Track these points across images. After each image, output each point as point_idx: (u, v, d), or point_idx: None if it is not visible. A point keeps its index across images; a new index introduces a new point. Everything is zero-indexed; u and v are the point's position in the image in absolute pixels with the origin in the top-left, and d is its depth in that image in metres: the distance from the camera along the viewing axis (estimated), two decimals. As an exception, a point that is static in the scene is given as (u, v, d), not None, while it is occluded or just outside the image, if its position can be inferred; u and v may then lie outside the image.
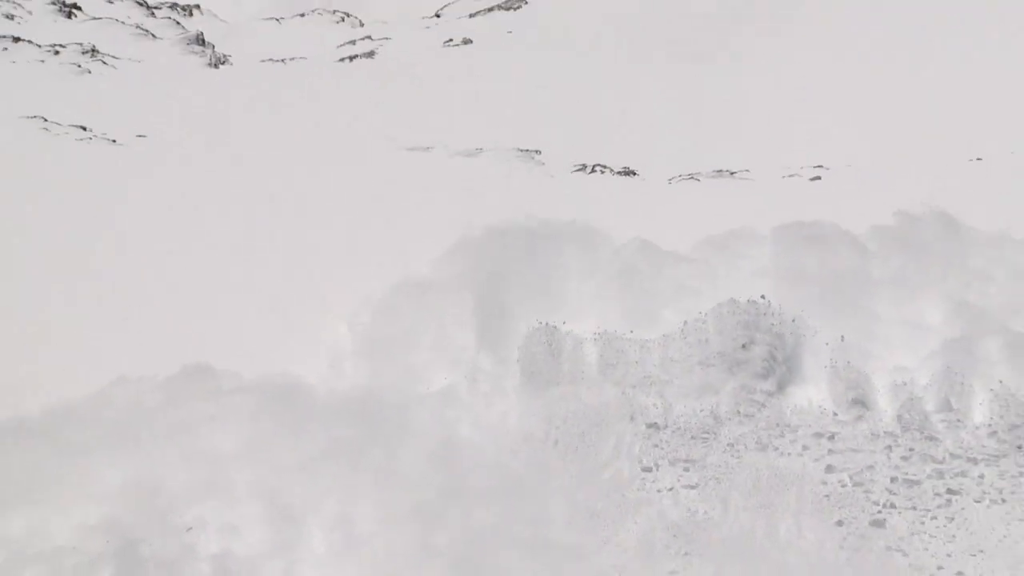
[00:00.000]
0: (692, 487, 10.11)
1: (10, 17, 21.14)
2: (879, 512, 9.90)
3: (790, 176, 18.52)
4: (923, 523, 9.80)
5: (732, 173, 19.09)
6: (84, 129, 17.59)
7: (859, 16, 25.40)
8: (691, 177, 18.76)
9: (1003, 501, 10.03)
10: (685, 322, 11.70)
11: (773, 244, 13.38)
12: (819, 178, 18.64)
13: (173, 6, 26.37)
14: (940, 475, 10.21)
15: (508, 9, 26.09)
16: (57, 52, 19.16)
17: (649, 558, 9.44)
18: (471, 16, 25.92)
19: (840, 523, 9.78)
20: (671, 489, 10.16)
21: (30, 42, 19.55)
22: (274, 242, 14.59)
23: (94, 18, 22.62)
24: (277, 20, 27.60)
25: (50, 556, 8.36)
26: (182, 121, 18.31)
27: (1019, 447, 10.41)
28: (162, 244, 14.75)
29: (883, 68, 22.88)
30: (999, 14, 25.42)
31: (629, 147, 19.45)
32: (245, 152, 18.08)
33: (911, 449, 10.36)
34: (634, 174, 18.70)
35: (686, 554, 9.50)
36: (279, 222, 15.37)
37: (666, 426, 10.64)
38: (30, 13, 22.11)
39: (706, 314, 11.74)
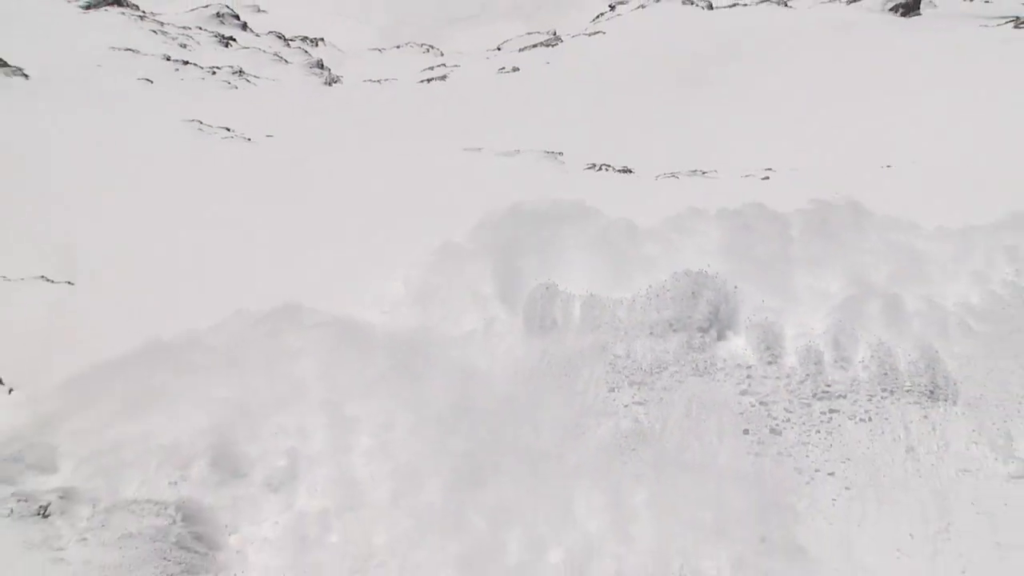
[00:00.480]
0: (641, 404, 10.36)
1: (184, 46, 21.55)
2: (777, 425, 10.19)
3: (747, 176, 18.41)
4: (808, 435, 10.08)
5: (704, 173, 18.98)
6: (228, 130, 17.76)
7: (815, 61, 25.21)
8: (672, 175, 18.68)
9: (869, 420, 10.15)
10: (649, 286, 11.80)
11: (719, 225, 13.40)
12: (768, 178, 18.54)
13: (304, 39, 26.69)
14: (826, 397, 10.40)
15: (548, 46, 26.21)
16: (214, 72, 19.45)
17: (607, 455, 9.65)
18: (520, 50, 26.08)
19: (746, 432, 10.12)
20: (627, 406, 10.35)
21: (196, 65, 19.86)
22: (354, 211, 14.73)
23: (244, 47, 22.92)
24: (379, 50, 27.82)
25: (165, 451, 8.52)
26: (300, 124, 18.57)
27: (883, 381, 10.53)
28: (272, 211, 14.89)
29: (827, 101, 22.69)
30: (921, 67, 25.27)
31: (629, 152, 19.38)
32: (343, 146, 18.22)
33: (803, 381, 10.52)
34: (630, 172, 18.61)
35: (633, 450, 9.76)
36: (360, 196, 15.51)
37: (627, 360, 10.78)
38: (199, 44, 22.44)
39: (666, 280, 11.82)
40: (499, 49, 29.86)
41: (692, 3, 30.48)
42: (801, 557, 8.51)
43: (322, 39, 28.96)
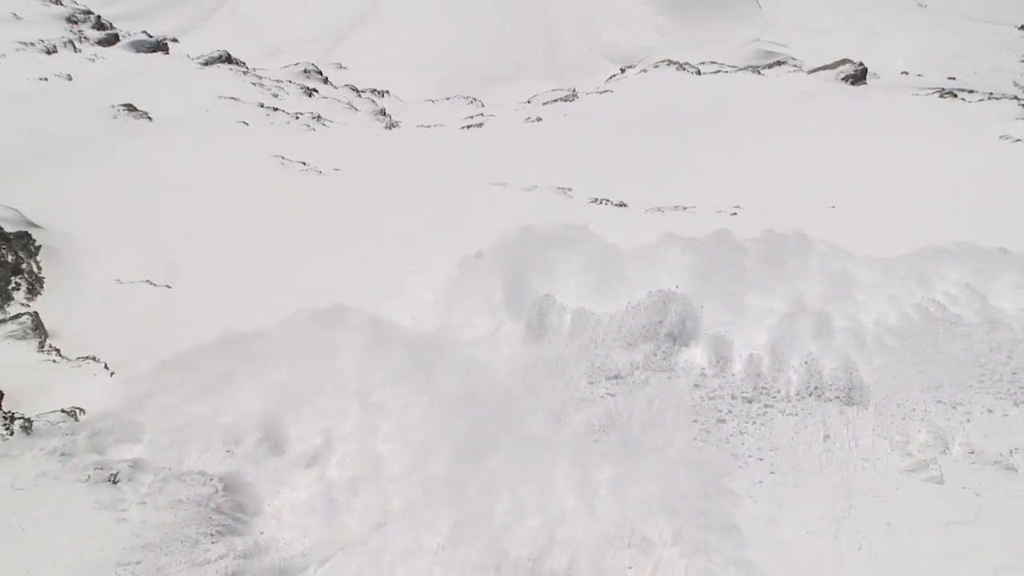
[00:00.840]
0: (613, 396, 10.24)
1: (276, 96, 21.72)
2: (721, 416, 10.04)
3: (719, 212, 18.23)
4: (746, 427, 9.90)
5: (685, 208, 18.82)
6: (304, 164, 17.74)
7: (781, 120, 24.94)
8: (659, 209, 18.53)
9: (796, 415, 9.99)
10: (628, 303, 11.67)
11: (690, 252, 13.22)
12: (736, 213, 18.35)
13: (373, 91, 26.73)
14: (762, 397, 10.25)
15: (566, 101, 26.16)
16: (297, 117, 19.49)
17: (583, 438, 9.54)
18: (544, 104, 26.05)
19: (695, 421, 9.95)
20: (602, 396, 10.23)
21: (283, 111, 19.90)
22: (399, 231, 14.70)
23: (323, 97, 23.01)
24: (432, 101, 27.92)
25: (224, 429, 8.43)
26: (362, 160, 18.55)
27: (809, 386, 10.38)
28: (333, 229, 14.92)
29: (789, 152, 22.42)
30: (864, 127, 25.02)
31: (626, 189, 19.18)
32: (396, 179, 18.18)
33: (744, 383, 10.41)
34: (625, 205, 18.45)
35: (605, 433, 9.66)
36: (405, 219, 15.48)
37: (605, 360, 10.68)
38: (288, 94, 22.58)
39: (642, 298, 11.70)
40: (528, 102, 29.69)
41: (684, 69, 30.25)
42: (732, 532, 8.35)
43: (388, 91, 28.85)
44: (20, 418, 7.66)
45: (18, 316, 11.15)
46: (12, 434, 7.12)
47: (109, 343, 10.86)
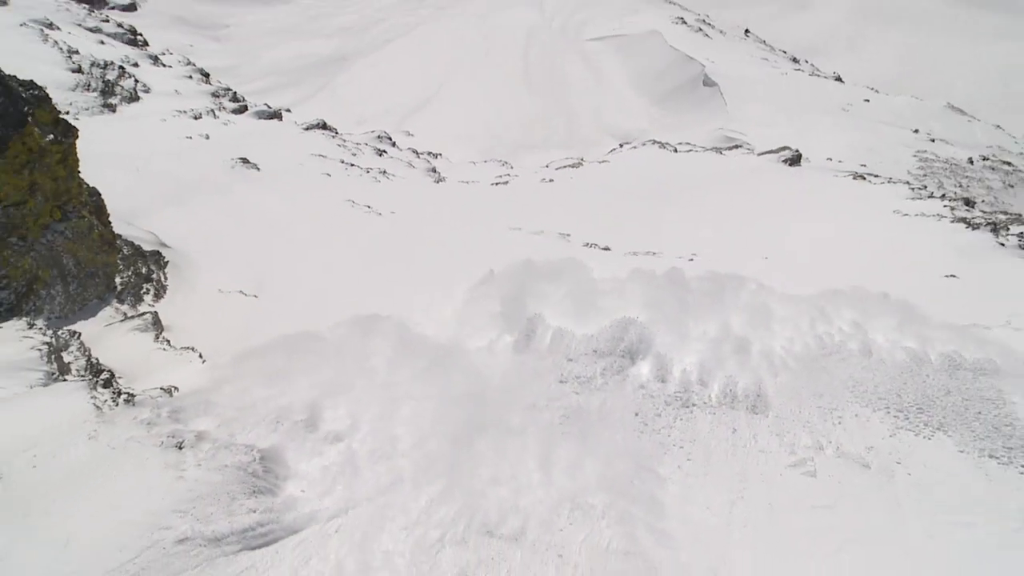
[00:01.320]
0: (578, 394, 10.11)
1: (354, 155, 21.78)
2: (658, 412, 9.88)
3: (680, 257, 18.10)
4: (673, 423, 9.71)
5: (654, 253, 18.68)
6: (369, 207, 17.87)
7: (735, 190, 24.81)
8: (634, 253, 18.41)
9: (713, 415, 9.84)
10: (598, 326, 11.57)
11: (651, 286, 13.10)
12: (692, 259, 18.17)
13: (429, 153, 26.76)
14: (688, 404, 10.08)
15: (574, 167, 26.07)
16: (368, 171, 19.53)
17: (552, 425, 9.40)
18: (556, 169, 25.98)
19: (637, 414, 9.79)
20: (569, 396, 10.10)
21: (358, 166, 20.03)
22: (430, 260, 14.70)
23: (390, 157, 23.13)
24: (473, 163, 27.91)
25: (274, 410, 8.35)
26: (413, 206, 18.68)
27: (725, 399, 10.22)
28: (385, 258, 14.98)
29: (739, 214, 22.30)
30: (796, 198, 24.89)
31: (612, 237, 19.11)
32: (437, 220, 18.23)
33: (677, 393, 10.22)
34: (608, 249, 18.37)
35: (570, 421, 9.49)
36: (437, 251, 15.48)
37: (573, 368, 10.56)
38: (363, 153, 22.65)
39: (608, 323, 11.59)
40: (547, 167, 29.63)
41: (664, 147, 30.08)
42: (654, 506, 8.19)
43: (440, 154, 28.86)
44: (125, 393, 7.69)
45: (143, 314, 11.27)
46: (117, 405, 7.14)
47: (206, 338, 10.93)
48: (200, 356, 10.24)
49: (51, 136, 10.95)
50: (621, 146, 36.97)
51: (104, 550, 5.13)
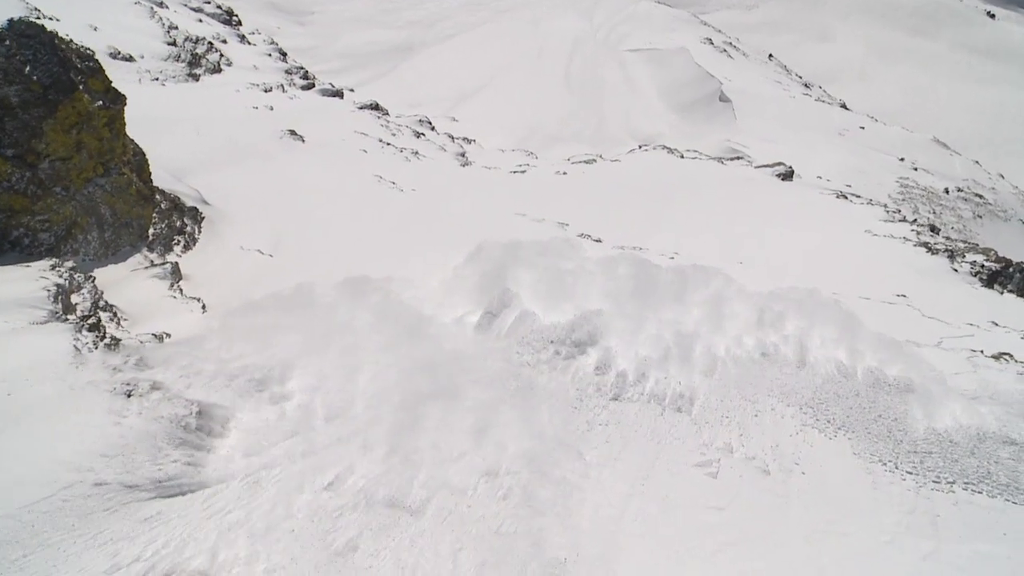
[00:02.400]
0: (532, 366, 9.65)
1: (393, 135, 21.16)
2: (586, 399, 9.27)
3: (662, 254, 17.42)
4: (601, 409, 9.13)
5: (641, 248, 17.97)
6: (393, 183, 17.40)
7: (729, 197, 23.77)
8: (622, 247, 17.76)
9: (641, 408, 9.24)
10: (561, 316, 10.96)
11: (619, 277, 12.47)
12: (673, 257, 17.47)
13: (464, 139, 25.96)
14: (619, 397, 9.53)
15: (587, 163, 25.09)
16: (401, 151, 18.92)
17: (496, 401, 8.88)
18: (573, 163, 25.03)
19: (570, 401, 9.21)
20: (516, 376, 9.60)
21: (393, 146, 19.41)
22: (434, 235, 14.27)
23: (426, 140, 22.36)
24: (502, 151, 27.06)
25: (241, 370, 7.81)
26: (435, 186, 18.10)
27: (655, 396, 9.63)
28: (398, 228, 14.58)
29: (729, 219, 21.44)
30: (784, 209, 23.91)
31: (607, 230, 18.43)
32: (452, 200, 17.69)
33: (612, 386, 9.65)
34: (600, 241, 17.73)
35: (510, 399, 9.01)
36: (443, 227, 15.04)
37: (524, 349, 10.08)
38: (402, 135, 22.05)
39: (570, 313, 11.04)
40: (568, 160, 28.77)
41: (672, 152, 29.00)
42: (563, 483, 7.63)
43: (475, 140, 28.15)
44: (110, 337, 7.45)
45: (165, 264, 11.07)
46: (96, 348, 6.89)
47: (216, 290, 10.67)
48: (203, 307, 9.98)
49: (100, 102, 10.68)
50: (641, 147, 35.88)
51: (27, 485, 4.90)
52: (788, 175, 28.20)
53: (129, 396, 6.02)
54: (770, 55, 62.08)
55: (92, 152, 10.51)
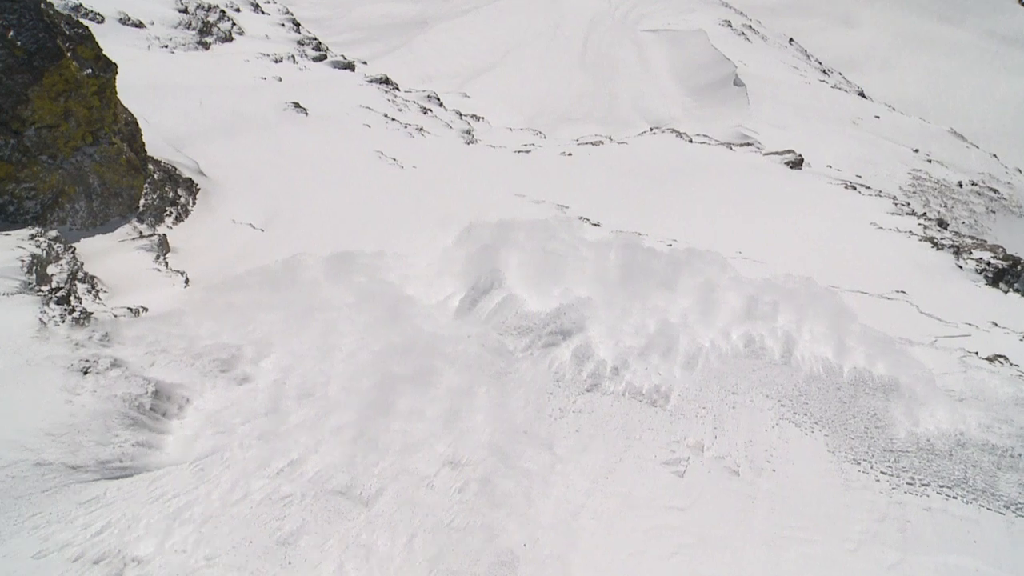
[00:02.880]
0: (500, 364, 9.38)
1: (399, 110, 20.70)
2: (576, 397, 8.99)
3: (661, 241, 17.05)
4: (575, 397, 8.92)
5: (640, 234, 17.60)
6: (394, 160, 17.09)
7: (736, 184, 23.21)
8: (620, 232, 17.40)
9: (614, 399, 9.04)
10: (545, 303, 10.68)
11: (610, 262, 12.15)
12: (671, 244, 17.09)
13: (472, 116, 25.37)
14: (593, 390, 9.30)
15: (594, 145, 24.55)
16: (406, 127, 18.45)
17: (467, 388, 8.70)
18: (579, 144, 24.44)
19: (549, 399, 8.92)
20: (492, 363, 9.37)
21: (397, 121, 18.95)
22: (428, 213, 13.98)
23: (433, 116, 21.87)
24: (510, 129, 26.40)
25: (184, 351, 7.51)
26: (436, 163, 17.72)
27: (631, 390, 9.39)
28: (391, 205, 14.24)
29: (733, 207, 20.95)
30: (791, 198, 23.36)
31: (607, 214, 18.04)
32: (451, 178, 17.38)
33: (586, 379, 9.38)
34: (598, 225, 17.38)
35: (482, 387, 8.79)
36: (439, 206, 14.76)
37: (504, 339, 9.85)
38: (409, 110, 21.55)
39: (555, 301, 10.75)
40: (576, 141, 28.22)
41: (680, 136, 28.41)
42: (525, 475, 7.45)
43: (484, 117, 27.59)
44: (80, 311, 7.31)
45: (154, 235, 10.93)
46: (63, 322, 6.76)
47: (203, 264, 10.51)
48: (186, 280, 9.83)
49: (89, 70, 10.47)
50: (652, 130, 35.20)
51: (-33, 463, 4.79)
52: (797, 163, 27.58)
53: (86, 373, 5.86)
54: (791, 39, 60.53)
55: (81, 121, 10.34)
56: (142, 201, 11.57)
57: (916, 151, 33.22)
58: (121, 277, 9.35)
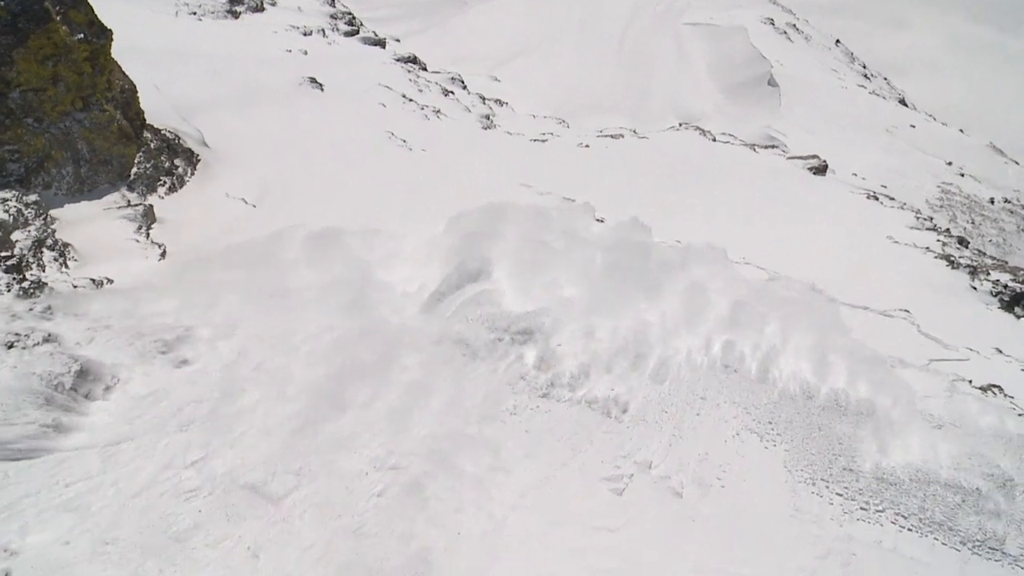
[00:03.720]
0: (460, 363, 8.97)
1: (420, 91, 20.20)
2: (531, 402, 8.52)
3: (663, 240, 16.47)
4: (535, 398, 8.49)
5: (644, 228, 17.01)
6: (404, 141, 16.64)
7: (757, 186, 22.21)
8: (622, 224, 16.78)
9: (570, 406, 8.56)
10: (522, 301, 10.19)
11: (595, 256, 11.58)
12: (675, 245, 16.47)
13: (496, 101, 24.63)
14: (549, 396, 8.86)
15: (614, 138, 23.76)
16: (423, 109, 17.98)
17: (422, 385, 8.30)
18: (598, 136, 23.67)
19: (500, 402, 8.47)
20: (453, 361, 8.95)
21: (415, 102, 18.48)
22: (429, 197, 13.61)
23: (455, 99, 21.20)
24: (533, 116, 25.72)
25: (127, 329, 7.12)
26: (448, 147, 17.22)
27: (589, 400, 8.94)
28: (395, 185, 13.78)
29: (751, 209, 20.17)
30: (810, 204, 22.44)
31: (616, 210, 17.35)
32: (461, 164, 16.93)
33: (546, 383, 8.88)
34: (603, 221, 16.84)
35: (443, 384, 8.39)
36: (441, 190, 14.40)
37: (470, 337, 9.43)
38: (429, 91, 21.02)
39: (536, 300, 10.24)
40: (599, 133, 27.34)
41: (704, 135, 27.53)
42: (463, 476, 7.04)
43: (507, 102, 26.92)
44: (30, 280, 7.15)
45: (140, 205, 10.78)
46: (9, 291, 6.60)
47: (185, 237, 10.33)
48: (162, 253, 9.65)
49: (81, 35, 10.28)
50: (681, 125, 34.22)
51: None
52: (821, 169, 26.51)
53: (10, 348, 5.68)
54: (837, 40, 58.24)
55: (71, 86, 10.19)
56: (134, 170, 11.44)
57: (949, 163, 31.75)
58: (98, 246, 9.22)
